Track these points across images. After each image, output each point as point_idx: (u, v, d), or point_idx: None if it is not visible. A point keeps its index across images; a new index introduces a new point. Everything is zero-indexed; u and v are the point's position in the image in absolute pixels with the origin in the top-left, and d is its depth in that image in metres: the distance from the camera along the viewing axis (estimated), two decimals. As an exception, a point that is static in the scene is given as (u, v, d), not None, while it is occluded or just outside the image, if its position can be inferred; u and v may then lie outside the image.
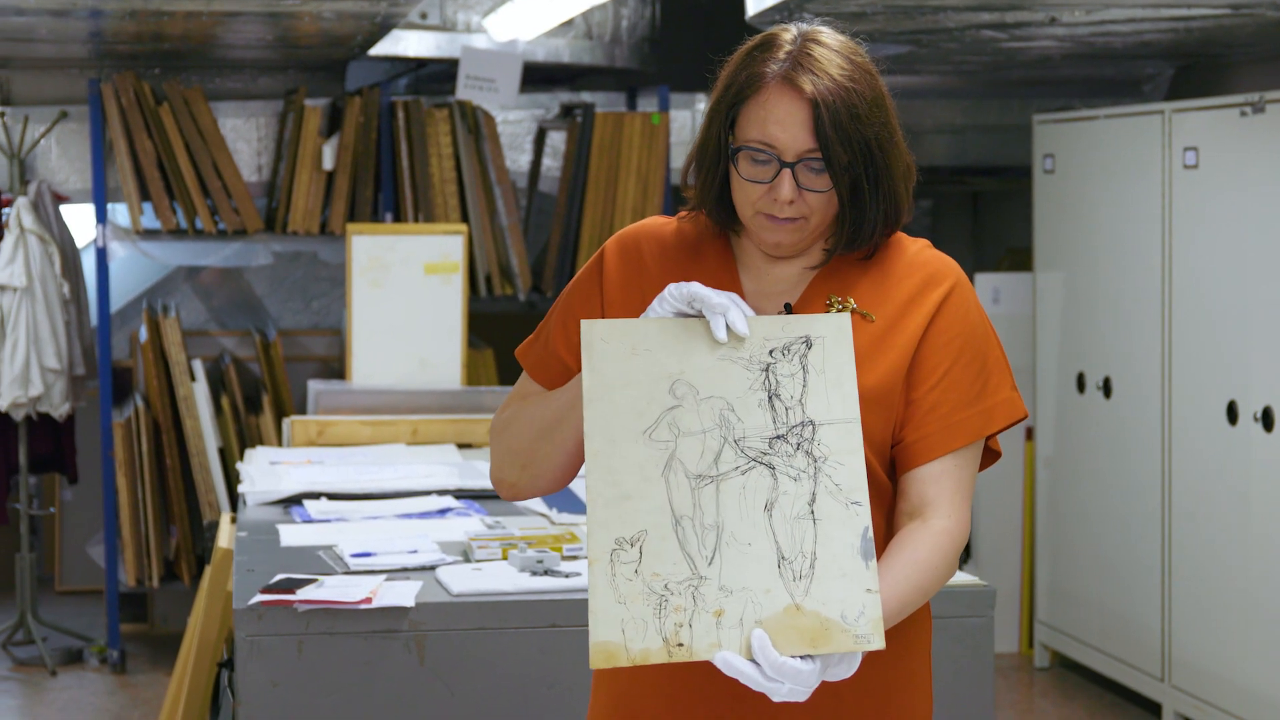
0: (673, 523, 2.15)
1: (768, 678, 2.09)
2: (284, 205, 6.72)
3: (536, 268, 7.06)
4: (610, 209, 6.84)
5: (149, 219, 6.72)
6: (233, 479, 6.59)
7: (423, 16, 6.66)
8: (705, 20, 7.03)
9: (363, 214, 6.69)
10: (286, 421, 5.35)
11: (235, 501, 6.31)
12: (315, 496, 4.37)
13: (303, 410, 6.81)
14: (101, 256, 6.60)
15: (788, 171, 2.27)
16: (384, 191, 6.74)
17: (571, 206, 6.84)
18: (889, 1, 4.92)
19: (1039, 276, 6.75)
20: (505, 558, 3.64)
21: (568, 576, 3.46)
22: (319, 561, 3.66)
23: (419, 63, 7.07)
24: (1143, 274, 6.02)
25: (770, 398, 2.20)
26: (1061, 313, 6.58)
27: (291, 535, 3.93)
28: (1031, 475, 6.84)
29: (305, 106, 6.70)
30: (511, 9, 6.30)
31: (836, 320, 2.23)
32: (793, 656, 2.09)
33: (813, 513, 2.16)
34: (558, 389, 2.40)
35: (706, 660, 2.11)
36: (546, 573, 3.48)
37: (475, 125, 6.77)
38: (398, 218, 6.73)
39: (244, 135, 6.92)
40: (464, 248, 5.86)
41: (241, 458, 6.45)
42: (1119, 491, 6.20)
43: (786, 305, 2.37)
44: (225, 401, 6.77)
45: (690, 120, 7.23)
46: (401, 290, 5.82)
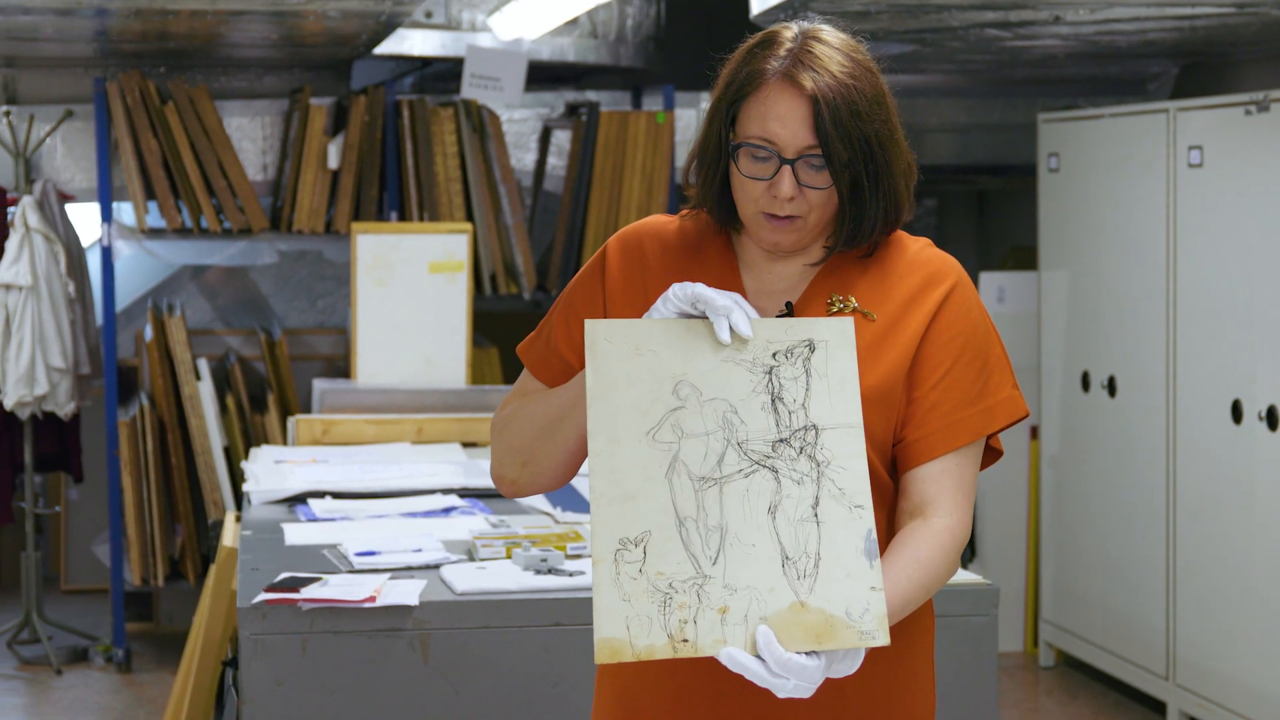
0: (676, 523, 2.15)
1: (773, 673, 2.09)
2: (289, 204, 6.72)
3: (541, 266, 7.06)
4: (615, 208, 6.84)
5: (154, 218, 6.72)
6: (238, 478, 6.59)
7: (428, 15, 6.66)
8: (710, 19, 7.02)
9: (368, 213, 6.69)
10: (291, 420, 5.35)
11: (240, 500, 6.31)
12: (320, 495, 4.37)
13: (307, 409, 6.81)
14: (107, 255, 6.61)
15: (788, 168, 2.27)
16: (389, 190, 6.74)
17: (576, 205, 6.84)
18: (893, 0, 4.91)
19: (1044, 275, 6.74)
20: (509, 556, 3.64)
21: (572, 575, 3.46)
22: (323, 560, 3.66)
23: (424, 62, 7.07)
24: (1147, 273, 6.01)
25: (773, 401, 2.20)
26: (1066, 311, 6.58)
27: (296, 534, 3.93)
28: (1036, 474, 6.84)
29: (310, 105, 6.70)
30: (516, 8, 6.30)
31: (840, 324, 2.22)
32: (798, 653, 2.10)
33: (816, 516, 2.16)
34: (559, 387, 2.40)
35: (711, 656, 2.11)
36: (551, 571, 3.48)
37: (480, 124, 6.77)
38: (403, 217, 6.73)
39: (249, 134, 6.92)
40: (469, 247, 5.86)
41: (246, 456, 6.46)
42: (1124, 490, 6.20)
43: (788, 304, 2.37)
44: (230, 400, 6.78)
45: (695, 119, 7.23)
46: (406, 289, 5.82)
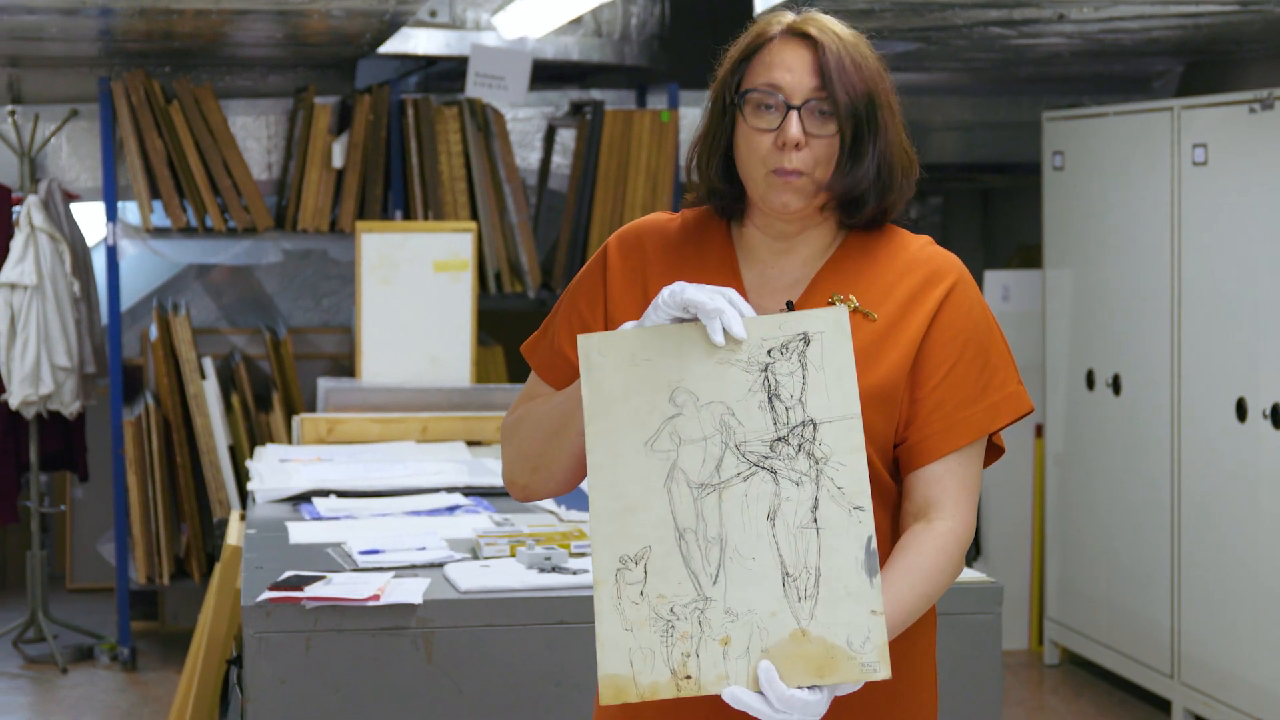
0: (676, 536, 2.14)
1: (775, 710, 2.10)
2: (294, 203, 6.72)
3: (546, 265, 7.06)
4: (620, 206, 6.84)
5: (159, 217, 6.73)
6: (243, 476, 6.60)
7: (432, 14, 6.66)
8: (714, 18, 7.01)
9: (372, 212, 6.69)
10: (296, 419, 5.35)
11: (245, 499, 6.32)
12: (324, 494, 4.37)
13: (312, 408, 6.82)
14: (112, 255, 6.61)
15: (794, 113, 2.30)
16: (393, 189, 6.74)
17: (581, 204, 6.84)
18: (897, -2, 4.92)
19: (1048, 273, 6.74)
20: (513, 555, 3.65)
21: (575, 573, 3.46)
22: (327, 559, 3.67)
23: (428, 60, 7.07)
24: (1152, 271, 6.01)
25: (770, 398, 2.17)
26: (1071, 309, 6.58)
27: (300, 532, 3.94)
28: (1041, 472, 6.84)
29: (315, 104, 6.70)
30: (521, 7, 6.30)
31: (834, 314, 2.19)
32: (799, 688, 2.10)
33: (815, 520, 2.14)
34: (561, 392, 2.40)
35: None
36: (554, 570, 3.48)
37: (485, 123, 6.77)
38: (407, 215, 6.73)
39: (254, 133, 6.92)
40: (473, 245, 5.86)
41: (251, 455, 6.46)
42: (1129, 489, 6.20)
43: (789, 304, 2.37)
44: (235, 399, 6.78)
45: (699, 118, 7.22)
46: (411, 288, 5.82)
